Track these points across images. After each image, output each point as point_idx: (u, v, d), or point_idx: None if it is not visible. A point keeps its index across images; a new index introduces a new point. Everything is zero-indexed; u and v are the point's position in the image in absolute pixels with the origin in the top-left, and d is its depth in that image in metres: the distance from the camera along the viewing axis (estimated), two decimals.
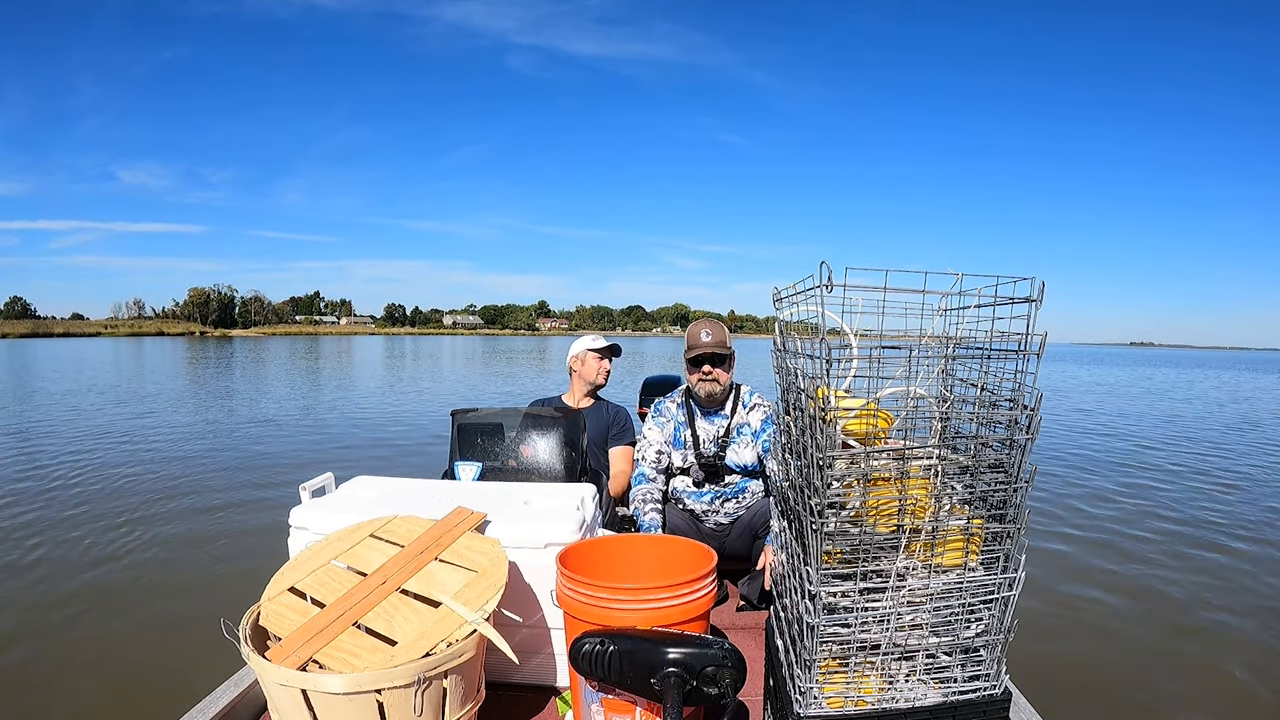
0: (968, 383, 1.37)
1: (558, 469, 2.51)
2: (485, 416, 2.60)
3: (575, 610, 1.55)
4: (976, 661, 1.31)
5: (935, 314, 1.29)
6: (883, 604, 1.25)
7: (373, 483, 2.28)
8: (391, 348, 59.33)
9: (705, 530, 2.65)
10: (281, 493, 6.48)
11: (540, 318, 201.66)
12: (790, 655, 1.36)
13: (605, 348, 3.30)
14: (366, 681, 1.42)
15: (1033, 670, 3.18)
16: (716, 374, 2.57)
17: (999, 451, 1.32)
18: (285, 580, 1.73)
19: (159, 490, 6.75)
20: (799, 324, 1.40)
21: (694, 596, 1.56)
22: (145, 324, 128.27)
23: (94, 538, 5.22)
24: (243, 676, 1.89)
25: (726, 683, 1.30)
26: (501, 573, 1.69)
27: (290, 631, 1.56)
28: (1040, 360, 1.22)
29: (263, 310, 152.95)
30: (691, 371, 2.60)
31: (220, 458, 8.48)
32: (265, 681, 1.50)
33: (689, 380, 2.64)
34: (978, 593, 1.28)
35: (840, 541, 1.28)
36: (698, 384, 2.60)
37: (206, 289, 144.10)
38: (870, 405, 1.34)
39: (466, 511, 1.92)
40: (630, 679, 1.38)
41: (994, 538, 1.30)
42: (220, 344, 65.41)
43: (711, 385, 2.58)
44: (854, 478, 1.29)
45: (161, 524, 5.61)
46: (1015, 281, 1.23)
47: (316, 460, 8.29)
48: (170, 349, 50.39)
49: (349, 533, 1.86)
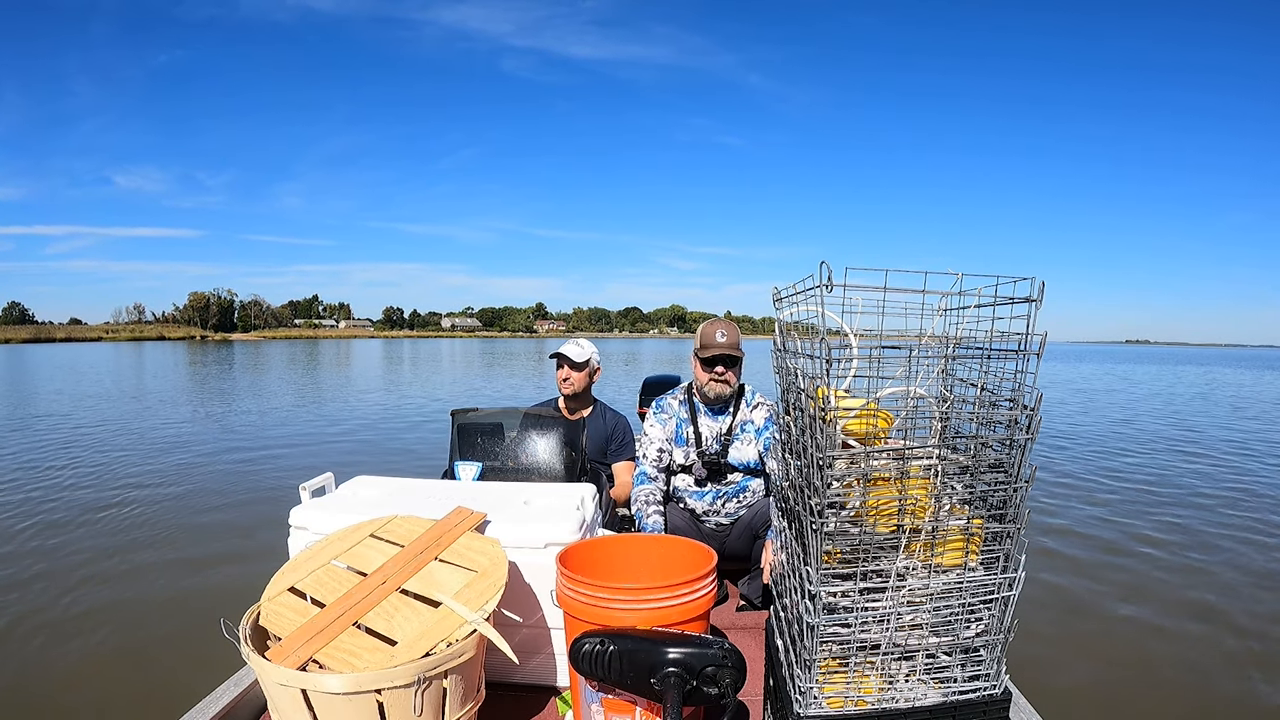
0: (968, 383, 1.37)
1: (558, 469, 2.51)
2: (485, 417, 2.60)
3: (575, 610, 1.55)
4: (976, 661, 1.31)
5: (935, 314, 1.29)
6: (883, 604, 1.25)
7: (373, 483, 2.28)
8: (391, 350, 59.33)
9: (706, 530, 2.65)
10: (281, 493, 6.48)
11: (538, 320, 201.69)
12: (790, 655, 1.36)
13: (554, 355, 3.10)
14: (366, 681, 1.42)
15: (1033, 670, 3.18)
16: (728, 375, 2.57)
17: (999, 451, 1.32)
18: (285, 580, 1.72)
19: (159, 490, 6.75)
20: (799, 324, 1.40)
21: (694, 596, 1.56)
22: (146, 328, 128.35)
23: (94, 538, 5.22)
24: (243, 676, 1.89)
25: (726, 683, 1.30)
26: (501, 573, 1.69)
27: (290, 631, 1.56)
28: (1040, 360, 1.22)
29: (262, 314, 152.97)
30: (704, 371, 2.59)
31: (220, 458, 8.48)
32: (265, 681, 1.50)
33: (699, 379, 2.63)
34: (978, 593, 1.28)
35: (840, 541, 1.28)
36: (708, 383, 2.59)
37: (206, 293, 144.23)
38: (870, 405, 1.34)
39: (466, 511, 1.92)
40: (630, 679, 1.38)
41: (994, 538, 1.30)
42: (221, 348, 65.46)
43: (722, 386, 2.58)
44: (854, 478, 1.30)
45: (162, 524, 5.61)
46: (1015, 281, 1.24)
47: (316, 460, 8.30)
48: (171, 353, 50.39)
49: (349, 533, 1.86)
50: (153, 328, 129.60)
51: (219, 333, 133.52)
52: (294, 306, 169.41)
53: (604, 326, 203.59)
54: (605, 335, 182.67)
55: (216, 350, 57.64)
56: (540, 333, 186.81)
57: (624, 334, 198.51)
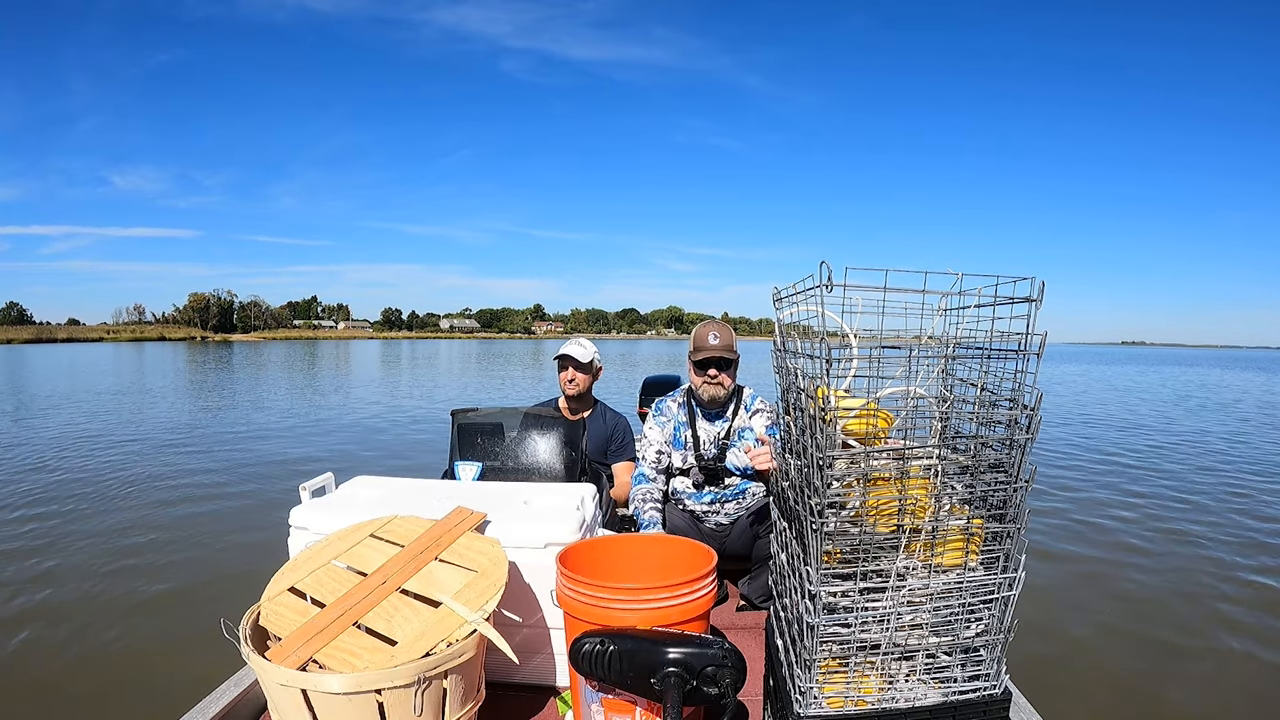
0: (968, 383, 1.37)
1: (558, 469, 2.51)
2: (485, 416, 2.60)
3: (575, 610, 1.55)
4: (976, 661, 1.31)
5: (935, 314, 1.29)
6: (883, 604, 1.25)
7: (373, 483, 2.28)
8: (390, 351, 59.35)
9: (705, 530, 2.65)
10: (281, 493, 6.48)
11: (536, 321, 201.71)
12: (790, 655, 1.36)
13: (558, 356, 3.08)
14: (366, 681, 1.42)
15: (1033, 670, 3.18)
16: (722, 378, 2.57)
17: (999, 451, 1.32)
18: (285, 580, 1.72)
19: (160, 490, 6.75)
20: (799, 324, 1.40)
21: (694, 596, 1.56)
22: (147, 329, 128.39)
23: (95, 538, 5.22)
24: (243, 676, 1.89)
25: (726, 683, 1.30)
26: (501, 573, 1.69)
27: (290, 631, 1.56)
28: (1040, 360, 1.22)
29: (261, 315, 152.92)
30: (697, 373, 2.60)
31: (221, 458, 8.48)
32: (265, 681, 1.50)
33: (693, 381, 2.64)
34: (978, 593, 1.28)
35: (840, 541, 1.28)
36: (702, 386, 2.60)
37: (206, 294, 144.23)
38: (870, 405, 1.34)
39: (466, 511, 1.92)
40: (630, 679, 1.38)
41: (994, 537, 1.30)
42: (221, 348, 65.43)
43: (716, 389, 2.58)
44: (854, 478, 1.30)
45: (162, 524, 5.61)
46: (1015, 281, 1.24)
47: (316, 460, 8.30)
48: (172, 354, 50.40)
49: (349, 533, 1.86)
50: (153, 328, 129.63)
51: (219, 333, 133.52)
52: (293, 307, 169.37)
53: (602, 328, 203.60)
54: (603, 336, 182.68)
55: (217, 351, 57.65)
56: (538, 334, 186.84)
57: (621, 335, 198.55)
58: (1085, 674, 3.41)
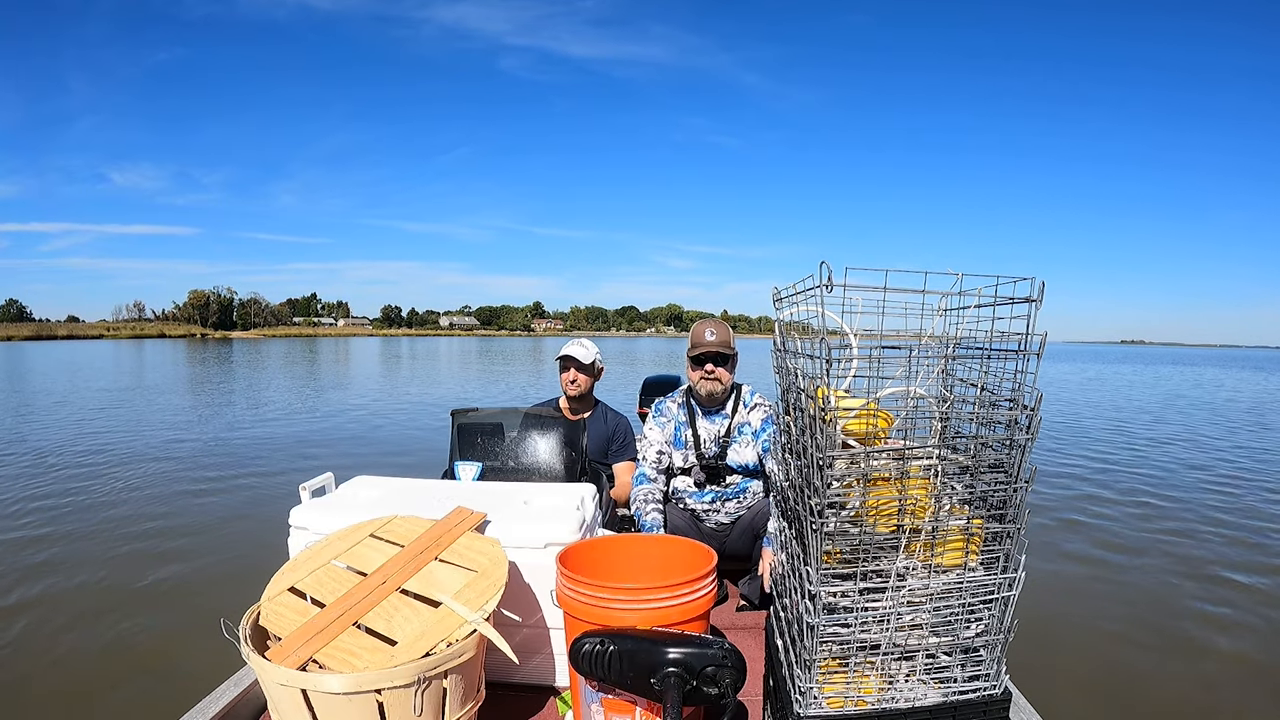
0: (968, 383, 1.37)
1: (558, 469, 2.51)
2: (485, 416, 2.60)
3: (575, 610, 1.55)
4: (976, 661, 1.31)
5: (935, 314, 1.29)
6: (883, 604, 1.25)
7: (373, 483, 2.28)
8: (389, 349, 59.33)
9: (706, 530, 2.65)
10: (281, 493, 6.48)
11: (535, 318, 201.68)
12: (790, 655, 1.36)
13: (560, 357, 3.08)
14: (366, 681, 1.42)
15: (1033, 670, 3.18)
16: (719, 373, 2.58)
17: (999, 451, 1.32)
18: (285, 580, 1.72)
19: (160, 490, 6.75)
20: (799, 324, 1.39)
21: (694, 596, 1.56)
22: (147, 326, 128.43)
23: (95, 538, 5.22)
24: (243, 676, 1.89)
25: (726, 683, 1.30)
26: (501, 573, 1.69)
27: (290, 631, 1.56)
28: (1040, 360, 1.22)
29: (261, 312, 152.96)
30: (694, 370, 2.61)
31: (221, 458, 8.47)
32: (265, 681, 1.50)
33: (691, 378, 2.64)
34: (978, 593, 1.28)
35: (840, 541, 1.28)
36: (699, 382, 2.60)
37: (206, 291, 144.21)
38: (870, 405, 1.34)
39: (466, 511, 1.92)
40: (630, 679, 1.38)
41: (994, 538, 1.30)
42: (221, 346, 65.43)
43: (713, 384, 2.59)
44: (854, 478, 1.29)
45: (161, 524, 5.61)
46: (1015, 281, 1.23)
47: (316, 460, 8.29)
48: (172, 351, 50.38)
49: (349, 533, 1.86)
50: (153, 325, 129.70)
51: (219, 330, 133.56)
52: (292, 305, 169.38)
53: (601, 325, 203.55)
54: (602, 334, 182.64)
55: (217, 348, 57.64)
56: (538, 331, 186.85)
57: (621, 333, 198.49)
58: (1085, 674, 3.41)
